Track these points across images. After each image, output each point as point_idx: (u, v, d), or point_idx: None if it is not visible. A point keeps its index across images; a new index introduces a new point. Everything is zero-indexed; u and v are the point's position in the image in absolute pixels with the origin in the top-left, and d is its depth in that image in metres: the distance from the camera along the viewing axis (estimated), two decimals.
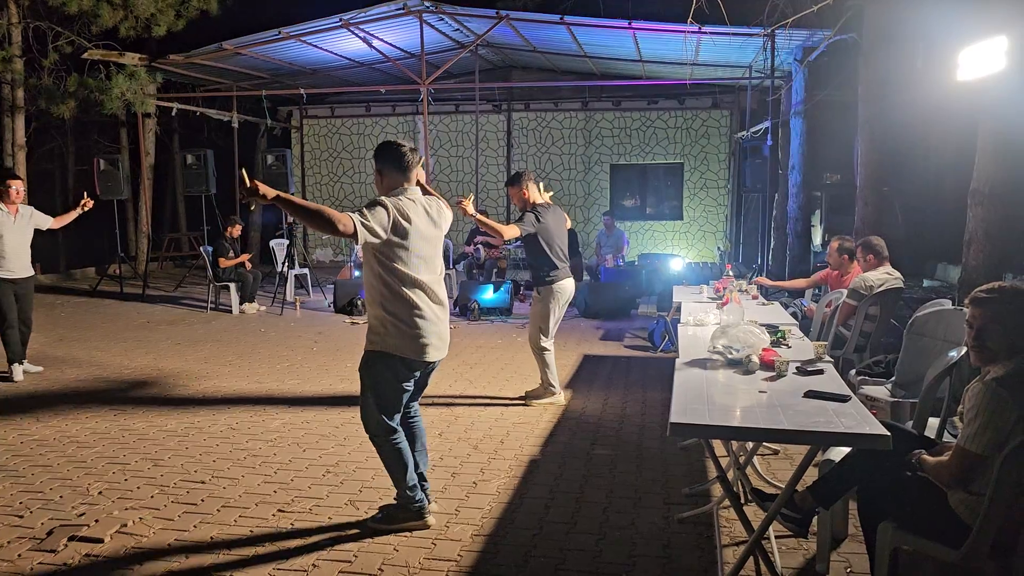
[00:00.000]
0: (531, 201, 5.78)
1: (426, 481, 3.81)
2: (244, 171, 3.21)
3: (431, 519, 3.69)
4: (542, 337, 5.83)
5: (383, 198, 3.45)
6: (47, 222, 7.04)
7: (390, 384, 3.54)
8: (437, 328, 3.58)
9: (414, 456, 3.72)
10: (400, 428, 3.63)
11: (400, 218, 3.41)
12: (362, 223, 3.25)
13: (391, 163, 3.54)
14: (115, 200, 12.28)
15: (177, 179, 19.65)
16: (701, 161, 15.98)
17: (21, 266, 6.73)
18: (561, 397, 5.96)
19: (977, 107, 6.15)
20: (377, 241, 3.34)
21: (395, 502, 3.73)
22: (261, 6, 16.51)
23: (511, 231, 5.53)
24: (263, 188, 3.10)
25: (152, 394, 6.26)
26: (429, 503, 3.77)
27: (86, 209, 7.24)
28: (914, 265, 12.85)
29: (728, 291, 4.77)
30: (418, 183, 3.68)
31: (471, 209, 5.19)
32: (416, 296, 3.49)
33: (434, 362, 3.64)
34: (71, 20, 12.52)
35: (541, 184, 5.95)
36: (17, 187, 6.64)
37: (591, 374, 6.97)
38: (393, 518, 3.67)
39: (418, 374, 3.62)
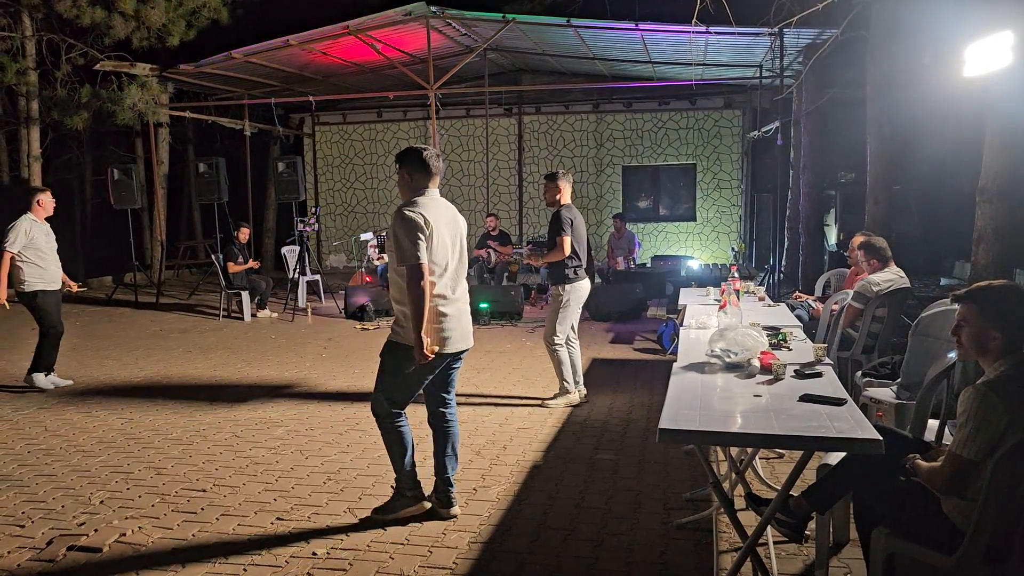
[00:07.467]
0: (562, 201, 5.97)
1: (452, 485, 3.91)
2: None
3: (426, 503, 3.86)
4: (557, 334, 5.90)
5: (409, 212, 3.59)
6: None
7: (409, 373, 3.69)
8: (459, 321, 3.77)
9: (444, 460, 3.88)
10: (404, 413, 3.79)
11: (424, 221, 3.61)
12: (420, 258, 3.52)
13: (416, 166, 3.74)
14: (130, 209, 12.42)
15: (191, 187, 19.84)
16: (714, 161, 15.89)
17: (59, 276, 6.87)
18: (575, 396, 5.97)
19: (984, 103, 6.06)
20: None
21: (393, 490, 3.89)
22: (272, 15, 16.61)
23: (565, 245, 5.80)
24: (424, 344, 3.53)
25: (159, 402, 6.30)
26: (453, 505, 3.88)
27: None
28: (931, 263, 12.69)
29: (727, 294, 4.70)
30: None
31: (535, 261, 6.26)
32: (437, 290, 3.66)
33: (455, 353, 3.80)
34: (84, 32, 12.67)
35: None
36: (48, 198, 6.78)
37: (599, 377, 6.93)
38: (392, 507, 3.83)
39: (438, 367, 3.76)
